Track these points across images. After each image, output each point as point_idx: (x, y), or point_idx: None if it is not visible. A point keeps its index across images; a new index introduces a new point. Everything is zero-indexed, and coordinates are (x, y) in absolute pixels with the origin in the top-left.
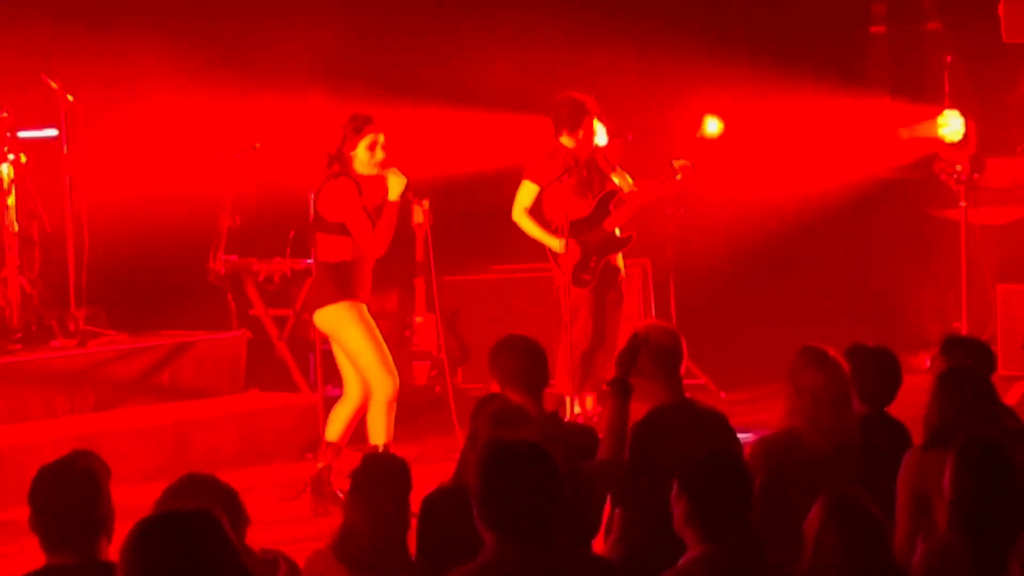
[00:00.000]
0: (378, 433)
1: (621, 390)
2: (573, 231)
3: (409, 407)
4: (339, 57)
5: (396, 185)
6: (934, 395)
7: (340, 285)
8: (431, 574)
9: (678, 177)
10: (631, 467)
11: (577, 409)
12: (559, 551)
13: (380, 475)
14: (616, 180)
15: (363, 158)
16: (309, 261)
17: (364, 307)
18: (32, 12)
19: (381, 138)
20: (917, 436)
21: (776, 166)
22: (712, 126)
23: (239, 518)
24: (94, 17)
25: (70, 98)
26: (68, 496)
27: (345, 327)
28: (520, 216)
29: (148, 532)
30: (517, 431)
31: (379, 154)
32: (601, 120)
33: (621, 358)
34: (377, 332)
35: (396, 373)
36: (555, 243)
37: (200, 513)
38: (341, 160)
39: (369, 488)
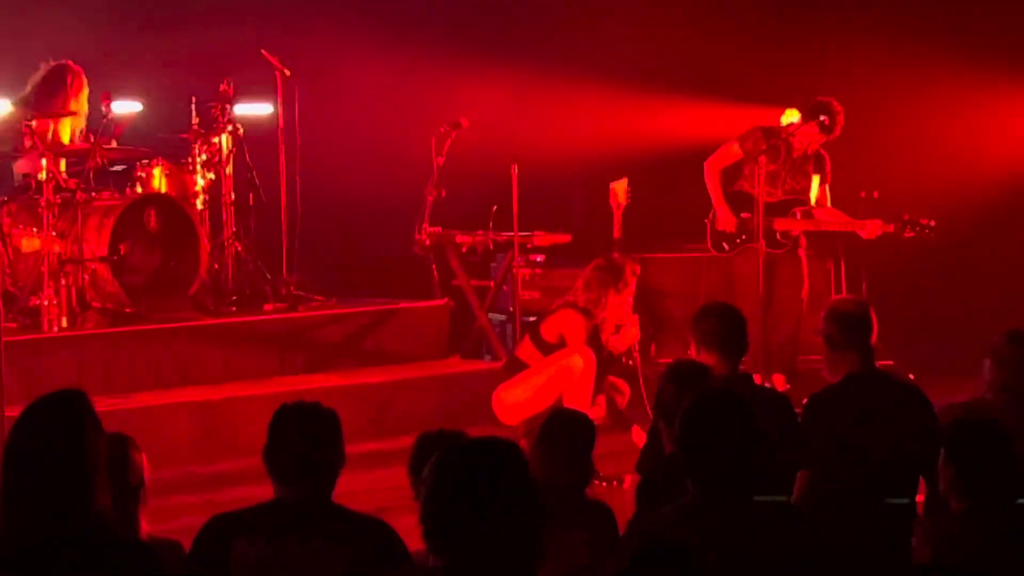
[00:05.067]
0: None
1: None
2: (748, 207)
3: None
4: (539, 36)
5: (628, 338)
6: None
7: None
8: None
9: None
10: (824, 431)
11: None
12: (757, 502)
13: (566, 427)
14: (814, 188)
15: (617, 301)
16: (510, 234)
17: None
18: None
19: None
20: None
21: (974, 159)
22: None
23: None
24: None
25: (287, 73)
26: (311, 433)
27: None
28: (711, 169)
29: (457, 457)
30: (696, 386)
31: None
32: (791, 105)
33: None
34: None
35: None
36: (721, 212)
37: (504, 442)
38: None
39: (555, 438)
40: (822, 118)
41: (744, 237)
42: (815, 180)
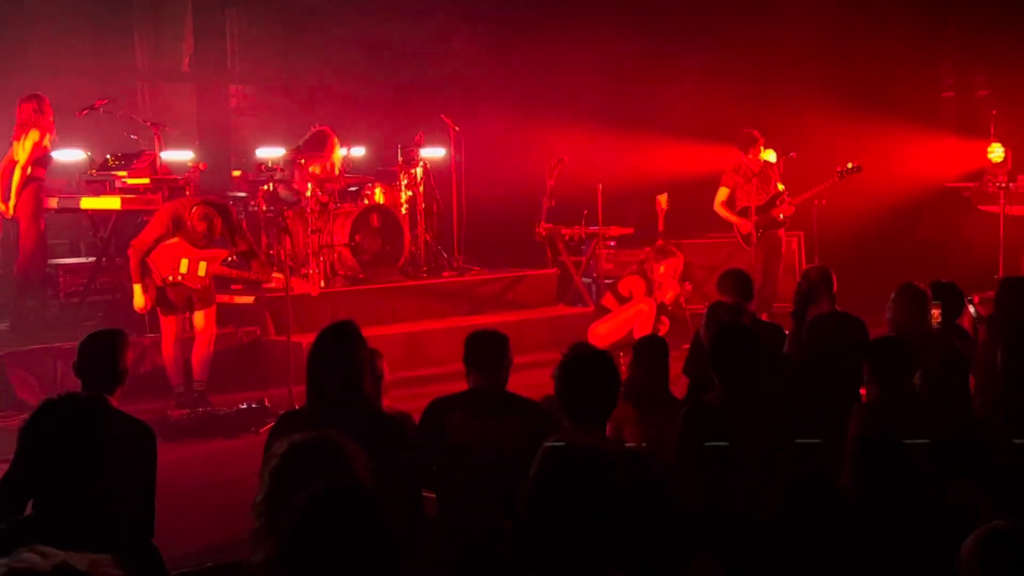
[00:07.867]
0: None
1: (798, 318)
2: (749, 213)
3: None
4: (611, 103)
5: (672, 294)
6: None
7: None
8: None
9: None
10: (803, 347)
11: None
12: (761, 391)
13: (652, 344)
14: (780, 186)
15: (663, 268)
16: (594, 228)
17: None
18: (433, 73)
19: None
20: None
21: (882, 177)
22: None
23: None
24: (474, 84)
25: (457, 129)
26: (493, 342)
27: None
28: (717, 207)
29: (581, 358)
30: (736, 319)
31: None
32: (769, 146)
33: (797, 298)
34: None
35: None
36: (734, 220)
37: (602, 353)
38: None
39: (644, 353)
40: (776, 150)
41: (760, 232)
42: (779, 185)
